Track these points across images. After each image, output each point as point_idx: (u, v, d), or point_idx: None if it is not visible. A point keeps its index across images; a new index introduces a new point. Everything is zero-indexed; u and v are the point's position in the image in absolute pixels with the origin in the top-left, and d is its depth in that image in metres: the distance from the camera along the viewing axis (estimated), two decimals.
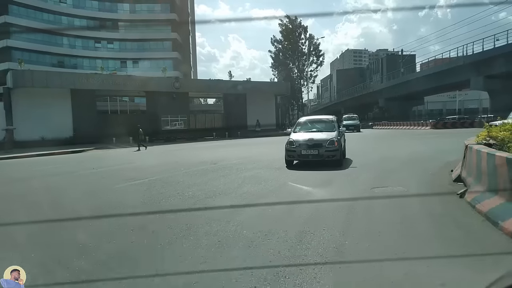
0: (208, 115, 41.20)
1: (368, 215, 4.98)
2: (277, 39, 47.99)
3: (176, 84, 35.48)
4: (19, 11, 55.53)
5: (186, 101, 38.83)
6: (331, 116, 12.30)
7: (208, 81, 42.13)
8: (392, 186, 6.90)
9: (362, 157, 11.96)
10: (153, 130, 32.80)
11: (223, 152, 17.31)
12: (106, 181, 9.45)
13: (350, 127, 35.10)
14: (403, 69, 54.75)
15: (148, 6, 64.34)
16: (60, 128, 29.87)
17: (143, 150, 22.23)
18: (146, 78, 37.07)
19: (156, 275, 3.09)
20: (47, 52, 58.14)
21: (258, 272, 3.04)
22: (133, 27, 63.59)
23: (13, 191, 8.63)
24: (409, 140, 20.60)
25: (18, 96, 29.49)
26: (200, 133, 35.41)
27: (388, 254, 3.44)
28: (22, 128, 28.66)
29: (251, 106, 39.05)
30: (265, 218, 5.03)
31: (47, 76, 31.16)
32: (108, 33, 63.21)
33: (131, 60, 64.09)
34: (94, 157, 19.60)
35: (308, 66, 48.25)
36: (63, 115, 30.66)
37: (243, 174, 9.41)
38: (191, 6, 78.98)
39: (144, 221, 5.10)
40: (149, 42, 64.36)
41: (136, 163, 14.54)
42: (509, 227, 3.61)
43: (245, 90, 39.05)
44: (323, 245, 3.73)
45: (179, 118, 36.92)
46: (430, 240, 3.90)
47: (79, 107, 31.27)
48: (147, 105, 37.35)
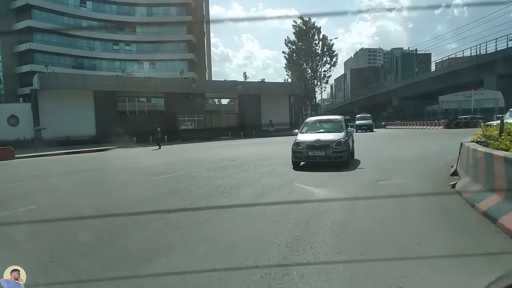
0: (223, 115, 42.36)
1: (371, 202, 5.90)
2: (291, 40, 48.91)
3: (193, 86, 36.72)
4: (41, 15, 57.64)
5: (203, 102, 40.01)
6: (339, 116, 12.23)
7: (223, 82, 43.31)
8: (395, 179, 7.76)
9: (372, 156, 12.65)
10: (171, 129, 34.05)
11: (240, 150, 18.27)
12: (140, 175, 10.59)
13: (363, 127, 35.73)
14: (417, 69, 54.83)
15: (164, 9, 65.98)
16: (83, 128, 31.37)
17: (159, 148, 23.48)
18: (165, 80, 38.43)
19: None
20: (67, 54, 60.19)
21: (281, 238, 4.01)
22: (150, 29, 65.41)
23: (63, 184, 9.82)
24: (421, 139, 21.15)
25: (44, 97, 31.13)
26: (216, 133, 36.58)
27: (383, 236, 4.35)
28: (50, 128, 30.26)
29: (265, 106, 39.99)
30: (272, 210, 5.99)
31: (72, 78, 32.76)
32: (126, 35, 65.13)
33: (147, 62, 65.85)
34: (119, 155, 20.90)
35: (322, 67, 48.96)
36: (86, 115, 32.18)
37: (260, 169, 10.35)
38: (206, 8, 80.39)
39: (182, 204, 6.12)
40: (165, 44, 65.98)
41: (160, 160, 15.62)
42: (482, 207, 4.47)
43: (259, 90, 40.07)
44: (331, 221, 4.68)
45: (195, 118, 38.14)
46: (418, 214, 4.85)
47: (101, 107, 32.77)
48: (165, 106, 38.66)
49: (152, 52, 65.89)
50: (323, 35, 48.81)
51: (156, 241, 4.27)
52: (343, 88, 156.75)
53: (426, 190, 6.47)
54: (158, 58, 65.19)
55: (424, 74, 50.77)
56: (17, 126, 31.12)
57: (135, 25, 65.23)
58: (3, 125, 30.95)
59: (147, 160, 15.79)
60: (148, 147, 25.43)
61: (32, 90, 31.36)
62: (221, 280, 3.06)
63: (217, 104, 63.94)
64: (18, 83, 56.68)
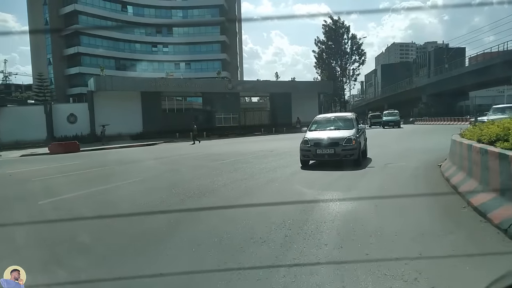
0: (256, 113, 45.13)
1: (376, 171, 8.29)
2: (320, 40, 50.82)
3: (229, 86, 39.72)
4: (87, 20, 62.51)
5: (237, 100, 42.92)
6: (350, 113, 12.17)
7: (256, 82, 46.09)
8: (400, 163, 10.06)
9: (393, 147, 14.87)
10: (208, 126, 37.26)
11: (273, 144, 20.76)
12: (203, 161, 13.59)
13: (390, 123, 37.32)
14: (447, 65, 55.09)
15: (199, 11, 69.55)
16: (132, 125, 35.11)
17: (197, 143, 26.31)
18: (204, 81, 41.79)
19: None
20: (111, 56, 65.04)
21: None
22: (186, 31, 69.32)
23: (149, 165, 12.92)
24: (442, 134, 22.80)
25: (99, 97, 35.09)
26: (249, 129, 39.43)
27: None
28: (109, 125, 33.89)
29: (295, 104, 42.31)
30: (308, 178, 8.51)
31: (123, 81, 36.68)
32: (164, 37, 69.25)
33: (183, 62, 69.80)
34: (169, 148, 24.02)
35: (351, 65, 50.69)
36: (134, 114, 35.93)
37: (294, 158, 12.71)
38: (238, 8, 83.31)
39: (246, 176, 8.78)
40: (199, 45, 69.70)
41: (209, 151, 18.39)
42: (448, 175, 6.80)
43: (290, 89, 42.53)
44: (341, 186, 7.16)
45: (231, 115, 41.13)
46: (409, 186, 7.23)
47: (147, 106, 36.42)
48: (203, 104, 41.89)
49: (187, 53, 69.73)
50: (352, 34, 50.49)
51: (244, 187, 6.94)
52: (374, 84, 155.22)
53: (419, 170, 8.75)
54: (193, 59, 69.05)
55: (454, 70, 51.09)
56: (76, 124, 35.29)
57: (172, 27, 69.34)
58: (64, 122, 35.23)
59: (198, 152, 18.64)
60: (189, 142, 28.44)
61: (89, 92, 35.43)
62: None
63: (247, 101, 66.77)
64: (68, 84, 62.17)
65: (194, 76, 59.29)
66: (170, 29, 69.53)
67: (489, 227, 4.07)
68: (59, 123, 35.00)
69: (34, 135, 32.70)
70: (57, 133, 34.36)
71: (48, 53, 62.54)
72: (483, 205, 4.55)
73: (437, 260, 3.25)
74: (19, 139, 31.72)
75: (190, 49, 69.66)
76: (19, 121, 32.77)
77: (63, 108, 37.31)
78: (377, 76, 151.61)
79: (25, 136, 32.21)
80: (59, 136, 33.00)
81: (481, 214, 4.43)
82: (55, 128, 34.87)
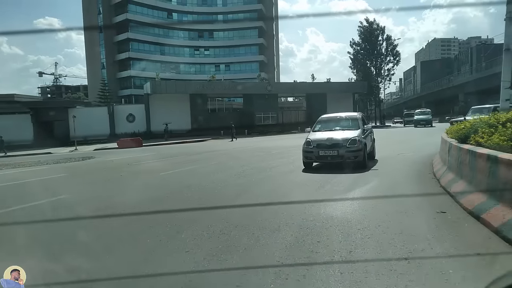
0: (293, 112, 48.20)
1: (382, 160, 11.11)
2: (355, 41, 52.80)
3: (269, 87, 43.12)
4: (137, 27, 68.08)
5: (276, 100, 46.16)
6: (356, 113, 11.70)
7: (294, 83, 49.18)
8: (408, 153, 12.73)
9: (416, 142, 17.32)
10: (249, 125, 40.75)
11: None
12: (253, 152, 16.89)
13: (421, 122, 38.99)
14: (484, 63, 55.08)
15: (238, 15, 73.52)
16: (182, 124, 39.38)
17: (234, 140, 29.31)
18: (246, 83, 45.52)
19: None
20: (157, 60, 70.41)
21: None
22: (225, 35, 73.57)
23: (216, 155, 16.47)
24: None
25: (153, 99, 39.63)
26: (287, 127, 42.55)
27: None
28: (157, 124, 38.57)
29: (330, 104, 44.76)
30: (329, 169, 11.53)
31: (176, 85, 41.11)
32: (205, 41, 73.85)
33: (223, 64, 74.11)
34: (217, 143, 27.62)
35: (385, 65, 52.31)
36: (183, 113, 40.21)
37: None
38: (275, 11, 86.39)
39: (291, 160, 11.91)
40: (238, 47, 73.74)
41: (256, 146, 21.58)
42: (438, 175, 9.58)
43: (325, 89, 45.26)
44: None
45: (270, 114, 44.43)
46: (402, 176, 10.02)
47: (195, 107, 40.58)
48: (244, 104, 45.52)
49: (227, 56, 73.98)
50: (387, 35, 51.95)
51: (292, 167, 10.08)
52: (413, 81, 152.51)
53: (419, 159, 11.40)
54: (233, 61, 73.24)
55: (491, 69, 51.21)
56: (133, 123, 40.06)
57: (212, 32, 73.82)
58: (123, 121, 40.13)
59: (246, 146, 21.91)
60: (229, 139, 31.21)
61: (145, 94, 40.11)
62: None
63: (283, 101, 69.81)
64: (119, 86, 68.31)
65: (233, 77, 63.43)
66: (211, 34, 73.98)
67: (447, 196, 6.93)
68: (119, 122, 39.96)
69: (99, 132, 37.77)
70: (118, 130, 39.25)
71: (102, 57, 69.21)
72: (450, 185, 7.40)
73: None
74: (86, 135, 36.80)
75: (229, 51, 73.81)
76: (86, 119, 37.87)
77: (123, 109, 42.32)
78: (416, 73, 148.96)
79: (91, 133, 37.29)
80: (120, 133, 37.78)
81: (446, 189, 7.28)
82: (116, 126, 39.83)
